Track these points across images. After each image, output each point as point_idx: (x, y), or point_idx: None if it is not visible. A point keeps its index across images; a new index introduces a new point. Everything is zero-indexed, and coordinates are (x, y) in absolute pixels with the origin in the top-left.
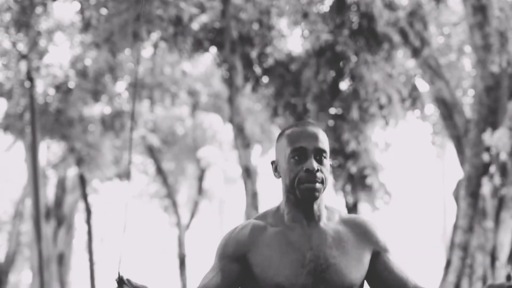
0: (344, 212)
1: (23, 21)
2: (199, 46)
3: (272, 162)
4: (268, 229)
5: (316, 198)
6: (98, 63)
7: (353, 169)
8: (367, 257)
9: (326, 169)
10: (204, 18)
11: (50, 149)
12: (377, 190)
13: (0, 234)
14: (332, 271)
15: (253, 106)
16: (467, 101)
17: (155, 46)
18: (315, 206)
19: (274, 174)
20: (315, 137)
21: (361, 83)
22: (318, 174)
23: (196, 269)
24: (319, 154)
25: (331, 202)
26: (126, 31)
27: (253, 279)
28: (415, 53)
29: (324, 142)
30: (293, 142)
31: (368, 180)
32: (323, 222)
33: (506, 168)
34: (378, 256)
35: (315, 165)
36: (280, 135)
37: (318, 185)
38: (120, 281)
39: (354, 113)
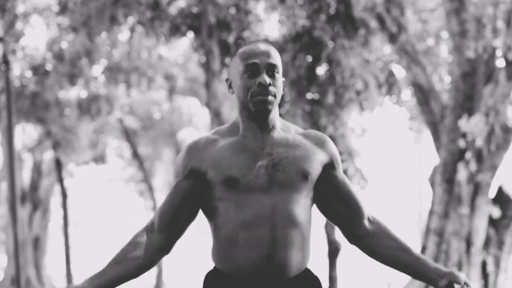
0: (299, 128)
1: None
2: (176, 30)
3: (227, 80)
4: (221, 140)
5: (269, 110)
6: (74, 46)
7: None
8: (320, 161)
9: (278, 83)
10: (181, 3)
11: (26, 133)
12: (353, 176)
13: None
14: (285, 163)
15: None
16: (444, 87)
17: (132, 30)
18: (269, 118)
19: (229, 91)
20: (267, 54)
21: (338, 69)
22: (270, 88)
23: (173, 253)
24: (271, 70)
25: None
26: (103, 15)
27: (209, 187)
28: (392, 38)
29: (276, 58)
30: (246, 59)
31: (344, 166)
32: (278, 131)
33: (482, 154)
34: (333, 169)
35: (267, 79)
36: (234, 53)
37: (270, 97)
38: None
39: (330, 99)
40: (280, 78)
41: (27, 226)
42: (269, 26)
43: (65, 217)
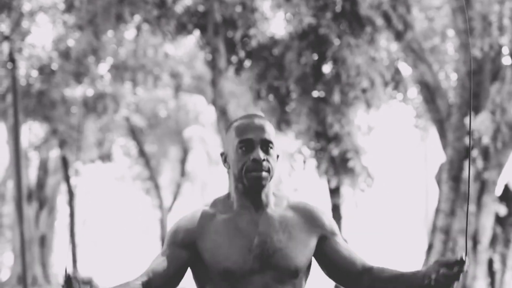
0: (292, 198)
1: (5, 2)
2: (182, 28)
3: (222, 154)
4: (217, 216)
5: (262, 186)
6: (81, 45)
7: (335, 152)
8: (313, 241)
9: (272, 159)
10: (187, 1)
11: (32, 131)
12: (360, 173)
13: None
14: (279, 256)
15: (236, 89)
16: (450, 85)
17: (138, 28)
18: (263, 194)
19: (224, 165)
20: (261, 129)
21: (344, 67)
22: (265, 164)
23: None
24: (265, 145)
25: (313, 185)
26: (110, 13)
27: (203, 266)
28: (398, 36)
29: (271, 133)
30: (241, 134)
31: (350, 163)
32: (271, 209)
33: (488, 152)
34: (325, 240)
35: (262, 155)
36: (229, 127)
37: (264, 173)
38: (68, 280)
39: (336, 97)
40: (274, 153)
41: (33, 224)
42: (275, 24)
43: (72, 215)
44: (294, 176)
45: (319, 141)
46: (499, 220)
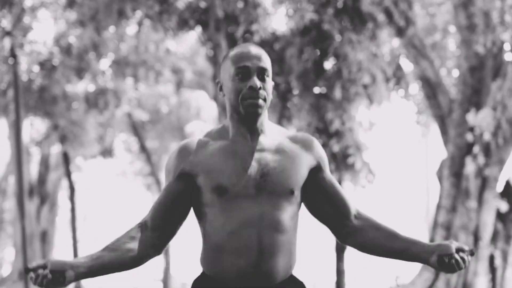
0: (290, 131)
1: None
2: (184, 24)
3: (217, 82)
4: (212, 143)
5: (258, 114)
6: (82, 40)
7: (336, 148)
8: (307, 165)
9: (268, 87)
10: None
11: (34, 126)
12: (361, 169)
13: None
14: (273, 174)
15: None
16: (451, 81)
17: (140, 24)
18: (258, 122)
19: (219, 93)
20: (258, 57)
21: (345, 63)
22: (261, 92)
23: (180, 247)
24: (261, 73)
25: None
26: (111, 9)
27: (199, 190)
28: (400, 32)
29: (267, 62)
30: (237, 62)
31: (351, 159)
32: (266, 136)
33: (490, 148)
34: (320, 171)
35: (258, 83)
36: (225, 56)
37: (260, 101)
38: (26, 270)
39: (337, 93)
40: (270, 82)
41: (34, 220)
42: (277, 19)
43: (73, 211)
44: None
45: (320, 137)
46: (500, 216)
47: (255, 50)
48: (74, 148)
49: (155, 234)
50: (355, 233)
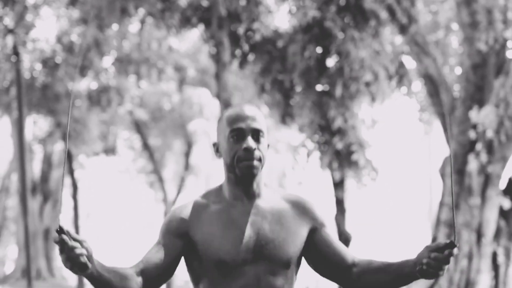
0: (284, 191)
1: None
2: (186, 22)
3: (214, 144)
4: (211, 206)
5: (254, 175)
6: (85, 38)
7: (339, 145)
8: (304, 232)
9: (263, 147)
10: None
11: (37, 124)
12: (364, 167)
13: None
14: (271, 246)
15: (240, 82)
16: (454, 78)
17: (142, 21)
18: (254, 184)
19: (216, 155)
20: (252, 118)
21: (347, 60)
22: (256, 153)
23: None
24: (256, 134)
25: (317, 178)
26: (114, 7)
27: (196, 256)
28: (403, 30)
29: (261, 122)
30: (232, 123)
31: (354, 157)
32: (263, 199)
33: (492, 145)
34: (316, 232)
35: (253, 144)
36: (220, 117)
37: (255, 162)
38: (61, 230)
39: (338, 90)
40: (265, 142)
41: (37, 218)
42: (279, 17)
43: (76, 209)
44: (298, 170)
45: (323, 134)
46: (503, 213)
47: (249, 111)
48: (77, 146)
49: (146, 284)
50: (358, 282)
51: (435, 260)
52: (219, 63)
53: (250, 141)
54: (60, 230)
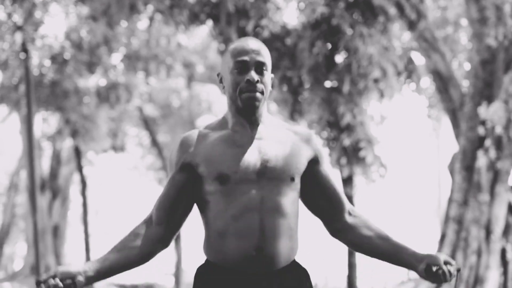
0: (287, 124)
1: None
2: (195, 18)
3: (218, 74)
4: (213, 133)
5: (256, 106)
6: (94, 35)
7: (347, 141)
8: (306, 157)
9: (266, 80)
10: None
11: (45, 121)
12: (373, 163)
13: None
14: (273, 160)
15: None
16: (463, 74)
17: (151, 18)
18: (257, 114)
19: (219, 85)
20: (256, 51)
21: (356, 56)
22: (258, 85)
23: (191, 242)
24: (259, 67)
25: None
26: (123, 4)
27: (202, 180)
28: (411, 26)
29: (265, 56)
30: (236, 56)
31: (362, 153)
32: (266, 125)
33: (501, 141)
34: (317, 163)
35: (255, 76)
36: (226, 50)
37: (258, 94)
38: (37, 283)
39: (345, 87)
40: (268, 75)
41: (46, 215)
42: (288, 13)
43: (85, 205)
44: None
45: (332, 131)
46: None
47: (254, 44)
48: (85, 143)
49: (161, 228)
50: (347, 229)
51: (446, 273)
52: None
53: (253, 74)
54: (37, 283)
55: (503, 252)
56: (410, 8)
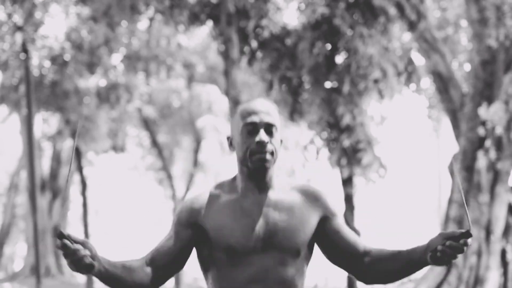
0: (295, 181)
1: None
2: (195, 19)
3: (228, 138)
4: (223, 196)
5: (266, 168)
6: (95, 36)
7: (347, 142)
8: (315, 220)
9: (276, 141)
10: None
11: (46, 121)
12: (372, 164)
13: None
14: (281, 234)
15: (249, 79)
16: (463, 75)
17: (151, 19)
18: (267, 177)
19: (229, 148)
20: (265, 112)
21: (355, 57)
22: (268, 146)
23: None
24: (269, 128)
25: (326, 175)
26: (124, 5)
27: (207, 244)
28: (411, 26)
29: (274, 116)
30: (245, 117)
31: (360, 155)
32: (274, 191)
33: (502, 142)
34: (327, 221)
35: (265, 137)
36: (235, 112)
37: (268, 155)
38: (61, 235)
39: (346, 87)
40: (278, 137)
41: (46, 215)
42: (288, 14)
43: (85, 206)
44: (307, 167)
45: (332, 131)
46: None
47: (263, 105)
48: (86, 143)
49: (153, 273)
50: (369, 271)
51: (450, 248)
52: (228, 60)
53: (262, 135)
54: (61, 235)
55: (503, 253)
56: (410, 8)
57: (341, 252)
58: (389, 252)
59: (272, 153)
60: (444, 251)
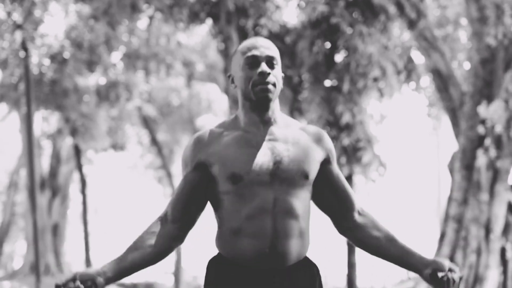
0: (302, 123)
1: None
2: (195, 17)
3: (229, 76)
4: (225, 133)
5: (269, 98)
6: (96, 35)
7: (346, 141)
8: (319, 157)
9: (277, 73)
10: None
11: (45, 120)
12: (372, 162)
13: None
14: (286, 161)
15: None
16: (463, 73)
17: (151, 17)
18: (270, 110)
19: (231, 85)
20: (265, 47)
21: (355, 55)
22: (270, 77)
23: (191, 241)
24: (270, 61)
25: None
26: (124, 3)
27: (215, 181)
28: (411, 25)
29: (275, 51)
30: (246, 52)
31: (359, 154)
32: (278, 125)
33: (501, 140)
34: (329, 163)
35: (267, 69)
36: (234, 51)
37: (270, 86)
38: (57, 286)
39: (345, 86)
40: (279, 70)
41: (46, 213)
42: (288, 12)
43: (84, 204)
44: None
45: (331, 130)
46: (511, 208)
47: (262, 41)
48: (85, 141)
49: (176, 226)
50: (356, 228)
51: (450, 279)
52: (228, 58)
53: (264, 66)
54: (57, 286)
55: (503, 251)
56: (410, 7)
57: (336, 199)
58: (386, 231)
59: (274, 84)
60: (449, 279)
